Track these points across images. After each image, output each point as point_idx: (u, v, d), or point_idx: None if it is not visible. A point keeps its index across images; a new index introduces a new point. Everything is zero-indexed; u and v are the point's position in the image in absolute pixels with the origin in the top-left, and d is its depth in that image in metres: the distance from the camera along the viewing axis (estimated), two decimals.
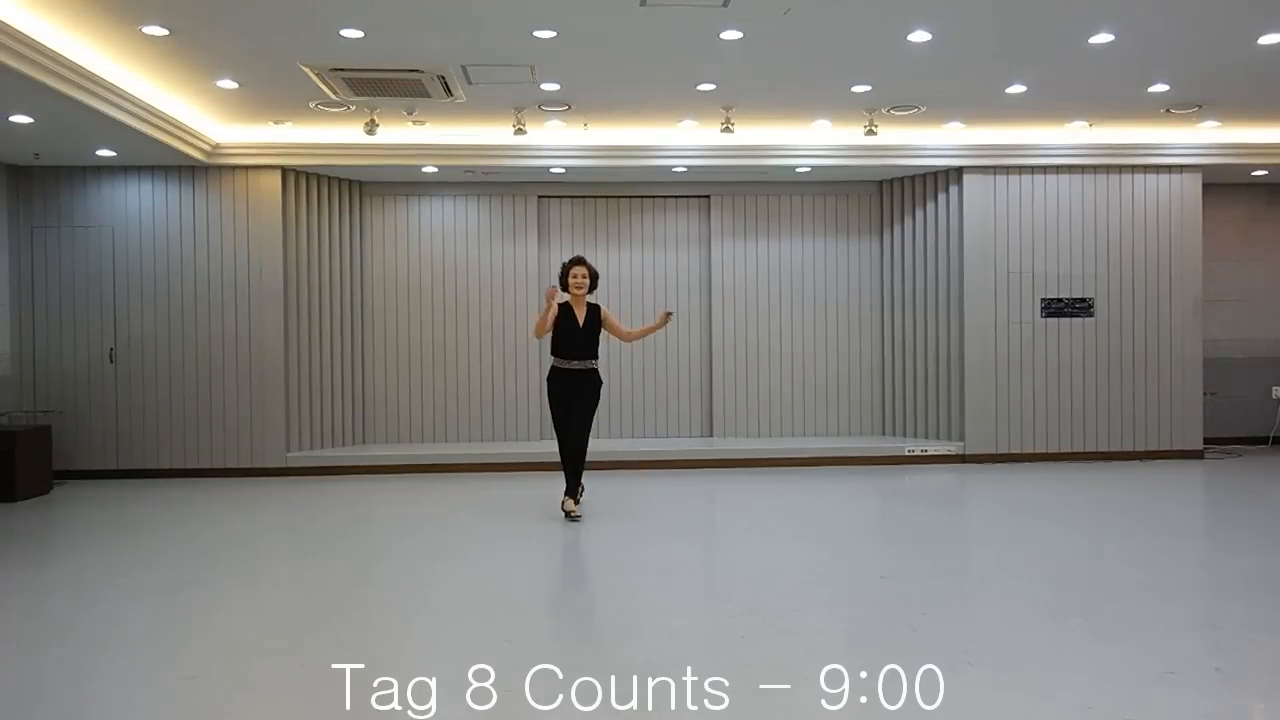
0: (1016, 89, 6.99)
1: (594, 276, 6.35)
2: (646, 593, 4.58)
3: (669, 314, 6.28)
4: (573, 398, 6.23)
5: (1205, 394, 9.10)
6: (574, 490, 6.26)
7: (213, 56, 6.05)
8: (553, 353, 6.33)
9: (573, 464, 6.25)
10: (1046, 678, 3.28)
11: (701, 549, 5.73)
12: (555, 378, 6.30)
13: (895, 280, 9.31)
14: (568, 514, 6.18)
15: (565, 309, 6.28)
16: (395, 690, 3.26)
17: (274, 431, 8.39)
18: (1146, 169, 8.82)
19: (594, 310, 6.35)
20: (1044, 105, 7.48)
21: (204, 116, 7.54)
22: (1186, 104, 7.47)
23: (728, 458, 8.68)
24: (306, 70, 6.29)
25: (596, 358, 6.33)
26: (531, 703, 3.15)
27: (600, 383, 6.36)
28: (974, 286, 8.72)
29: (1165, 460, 8.74)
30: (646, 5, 5.21)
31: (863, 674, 3.38)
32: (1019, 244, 8.78)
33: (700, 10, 5.30)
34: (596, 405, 6.32)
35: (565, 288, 6.29)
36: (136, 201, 8.33)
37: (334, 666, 3.48)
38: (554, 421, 6.34)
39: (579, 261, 6.34)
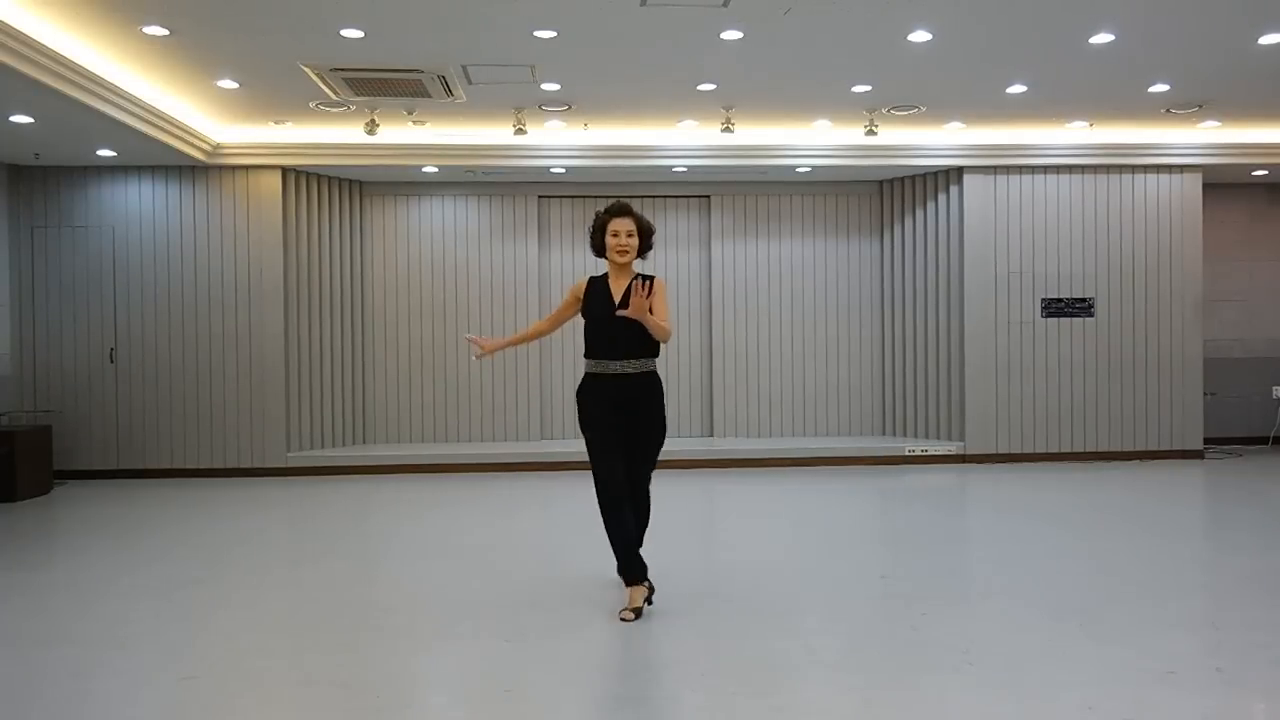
0: (1016, 89, 6.99)
1: (645, 233, 4.21)
2: None
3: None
4: (621, 419, 4.10)
5: (1205, 394, 9.09)
6: (637, 570, 4.09)
7: (213, 56, 6.05)
8: (586, 352, 4.23)
9: (624, 528, 4.05)
10: (1046, 678, 3.28)
11: (701, 549, 5.73)
12: (590, 389, 4.16)
13: (895, 280, 9.31)
14: (635, 612, 4.02)
15: (596, 285, 4.24)
16: (394, 690, 3.26)
17: (274, 431, 8.39)
18: (1146, 169, 8.82)
19: (644, 285, 4.05)
20: (1044, 105, 7.48)
21: (204, 116, 7.54)
22: (1186, 104, 7.47)
23: (728, 458, 8.68)
24: (307, 70, 6.29)
25: (653, 354, 4.17)
26: (531, 702, 3.15)
27: (662, 394, 4.27)
28: (974, 286, 8.72)
29: (1165, 460, 8.74)
30: (646, 5, 5.21)
31: (862, 674, 3.39)
32: (1019, 244, 8.78)
33: (700, 10, 5.30)
34: (664, 433, 4.27)
35: (601, 251, 4.21)
36: (137, 201, 8.33)
37: (333, 667, 3.48)
38: (592, 457, 4.09)
39: (624, 212, 4.17)
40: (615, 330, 4.05)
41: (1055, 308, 8.80)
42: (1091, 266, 8.81)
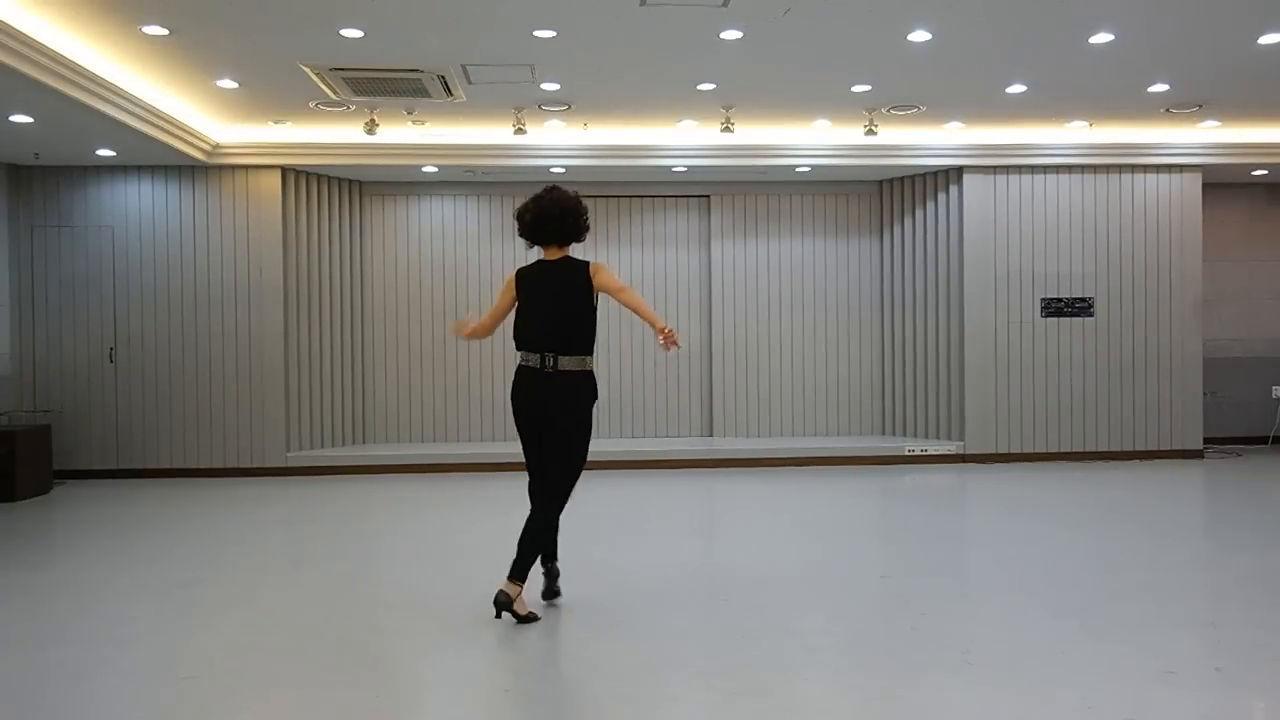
0: (1016, 89, 6.99)
1: (573, 216, 4.11)
2: (647, 593, 4.58)
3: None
4: (537, 418, 3.94)
5: (1205, 394, 9.09)
6: (521, 571, 3.81)
7: (213, 56, 6.05)
8: (517, 345, 4.07)
9: (530, 531, 3.88)
10: (1046, 678, 3.28)
11: (701, 549, 5.73)
12: (516, 383, 4.04)
13: (895, 280, 9.31)
14: (505, 610, 3.81)
15: (530, 274, 4.07)
16: (394, 690, 3.26)
17: (274, 431, 8.39)
18: (1146, 169, 8.82)
19: (576, 272, 4.00)
20: (1044, 105, 7.48)
21: (204, 116, 7.54)
22: (1186, 104, 7.47)
23: (728, 458, 8.68)
24: (306, 70, 6.29)
25: (584, 351, 3.95)
26: (531, 702, 3.15)
27: (588, 395, 3.95)
28: (974, 286, 8.72)
29: (1165, 460, 8.74)
30: (646, 5, 5.21)
31: (862, 673, 3.39)
32: (1019, 244, 8.78)
33: (700, 10, 5.30)
34: (582, 436, 3.92)
35: (533, 235, 4.16)
36: (136, 201, 8.33)
37: (333, 667, 3.48)
38: (525, 453, 4.08)
39: (553, 197, 4.15)
40: (538, 317, 3.98)
41: (1055, 307, 8.80)
42: (1091, 266, 8.81)
